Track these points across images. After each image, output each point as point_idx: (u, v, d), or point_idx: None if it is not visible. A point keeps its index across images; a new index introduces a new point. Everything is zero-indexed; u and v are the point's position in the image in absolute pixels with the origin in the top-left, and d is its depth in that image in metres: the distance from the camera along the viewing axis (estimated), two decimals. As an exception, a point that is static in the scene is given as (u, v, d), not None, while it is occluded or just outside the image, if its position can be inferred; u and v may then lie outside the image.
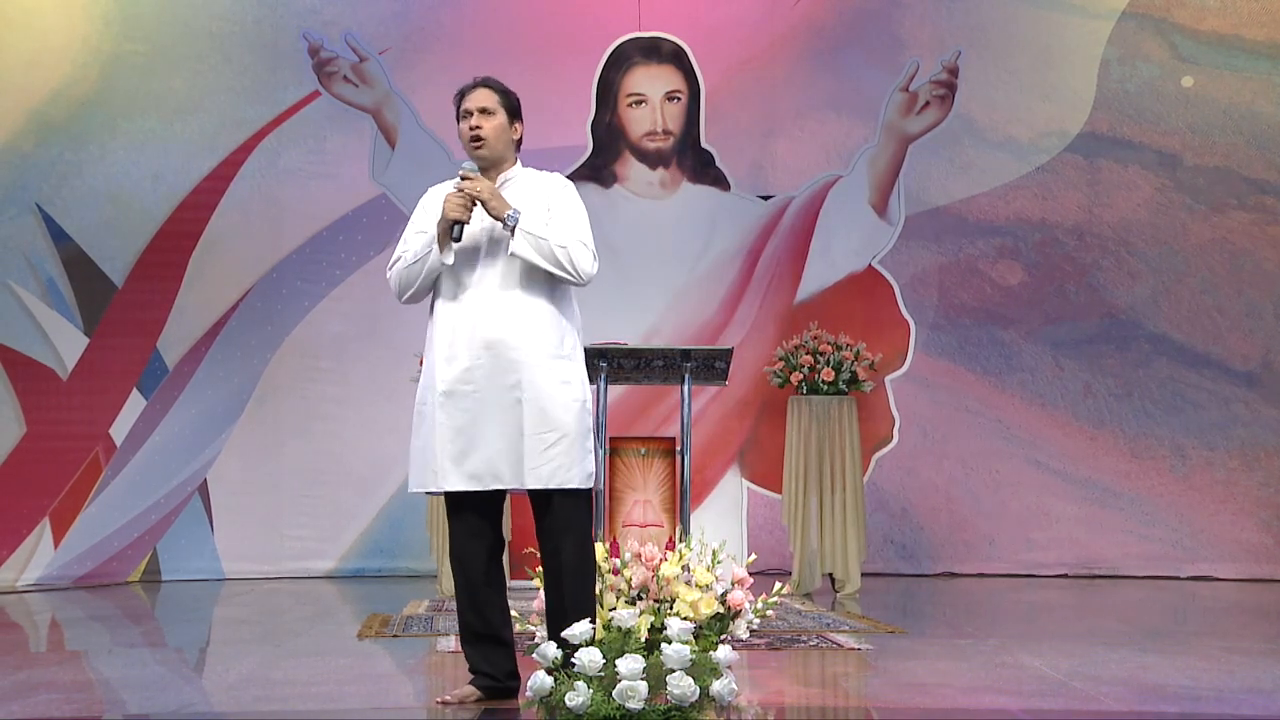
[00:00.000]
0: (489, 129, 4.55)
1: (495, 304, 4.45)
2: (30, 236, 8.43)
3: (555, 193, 4.57)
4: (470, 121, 4.55)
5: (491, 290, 4.46)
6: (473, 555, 4.55)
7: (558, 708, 4.18)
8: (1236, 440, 8.80)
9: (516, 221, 4.41)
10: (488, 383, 4.42)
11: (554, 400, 4.44)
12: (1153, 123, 8.93)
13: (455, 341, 4.47)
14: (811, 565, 7.72)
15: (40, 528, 8.32)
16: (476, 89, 4.62)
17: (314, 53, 8.77)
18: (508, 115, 4.60)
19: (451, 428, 4.44)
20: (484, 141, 4.54)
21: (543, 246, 4.41)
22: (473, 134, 4.55)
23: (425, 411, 4.52)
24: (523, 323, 4.44)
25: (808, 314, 8.57)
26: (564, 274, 4.44)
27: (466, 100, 4.60)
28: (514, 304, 4.45)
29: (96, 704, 4.89)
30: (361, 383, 8.73)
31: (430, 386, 4.52)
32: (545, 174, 4.67)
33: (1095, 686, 4.95)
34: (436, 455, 4.45)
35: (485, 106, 4.57)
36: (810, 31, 9.00)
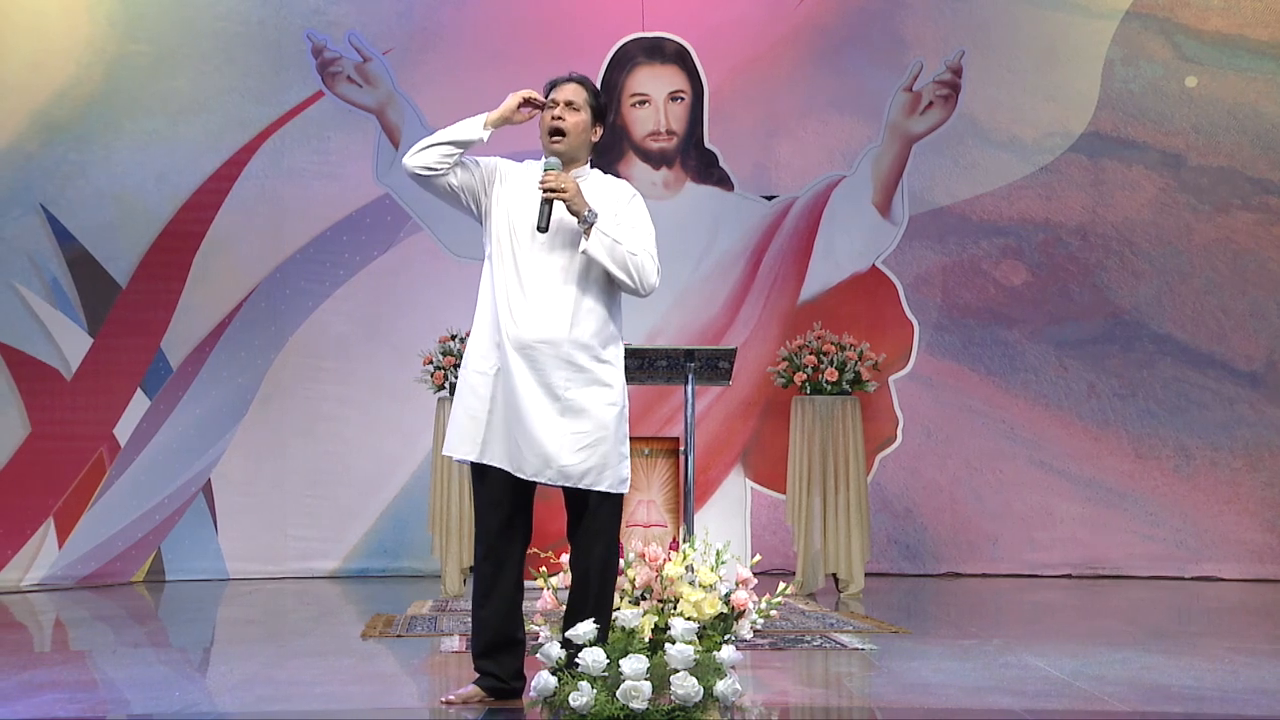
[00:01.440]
0: (571, 123, 4.54)
1: (555, 297, 4.45)
2: (35, 237, 8.44)
3: (625, 202, 4.57)
4: (555, 112, 4.54)
5: (554, 283, 4.46)
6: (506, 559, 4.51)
7: (562, 708, 4.18)
8: (1241, 440, 8.79)
9: (594, 222, 4.42)
10: (536, 373, 4.43)
11: (595, 401, 4.47)
12: (1157, 123, 8.93)
13: (512, 325, 4.45)
14: (815, 565, 7.72)
15: (44, 527, 8.32)
16: (569, 82, 4.59)
17: (318, 53, 8.77)
18: (592, 115, 4.58)
19: (498, 404, 4.45)
20: (564, 136, 4.53)
21: (615, 250, 4.43)
22: (555, 124, 4.53)
23: (474, 383, 4.51)
24: (577, 321, 4.46)
25: (811, 314, 8.57)
26: (628, 281, 4.47)
27: (556, 91, 4.58)
28: (572, 301, 4.46)
29: (101, 704, 4.90)
30: (365, 383, 8.73)
31: (481, 357, 4.50)
32: (615, 180, 4.68)
33: (1099, 687, 4.95)
34: (475, 425, 4.47)
35: (573, 100, 4.55)
36: (814, 31, 9.00)
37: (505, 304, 4.47)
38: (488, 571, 4.52)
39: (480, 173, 4.60)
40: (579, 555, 4.55)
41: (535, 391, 4.43)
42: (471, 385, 4.53)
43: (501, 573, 4.53)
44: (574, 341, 4.46)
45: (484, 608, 4.54)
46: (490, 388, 4.48)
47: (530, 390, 4.43)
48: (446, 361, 7.70)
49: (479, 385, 4.50)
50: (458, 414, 4.55)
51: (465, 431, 4.51)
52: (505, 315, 4.46)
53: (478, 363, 4.52)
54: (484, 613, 4.54)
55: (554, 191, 4.40)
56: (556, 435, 4.42)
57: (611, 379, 4.53)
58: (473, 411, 4.50)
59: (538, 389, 4.43)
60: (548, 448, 4.42)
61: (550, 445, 4.42)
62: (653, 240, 4.58)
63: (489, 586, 4.53)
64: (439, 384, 7.74)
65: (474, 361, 4.53)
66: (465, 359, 4.59)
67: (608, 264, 4.43)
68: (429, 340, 7.88)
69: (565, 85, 4.58)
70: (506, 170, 4.63)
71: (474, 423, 4.49)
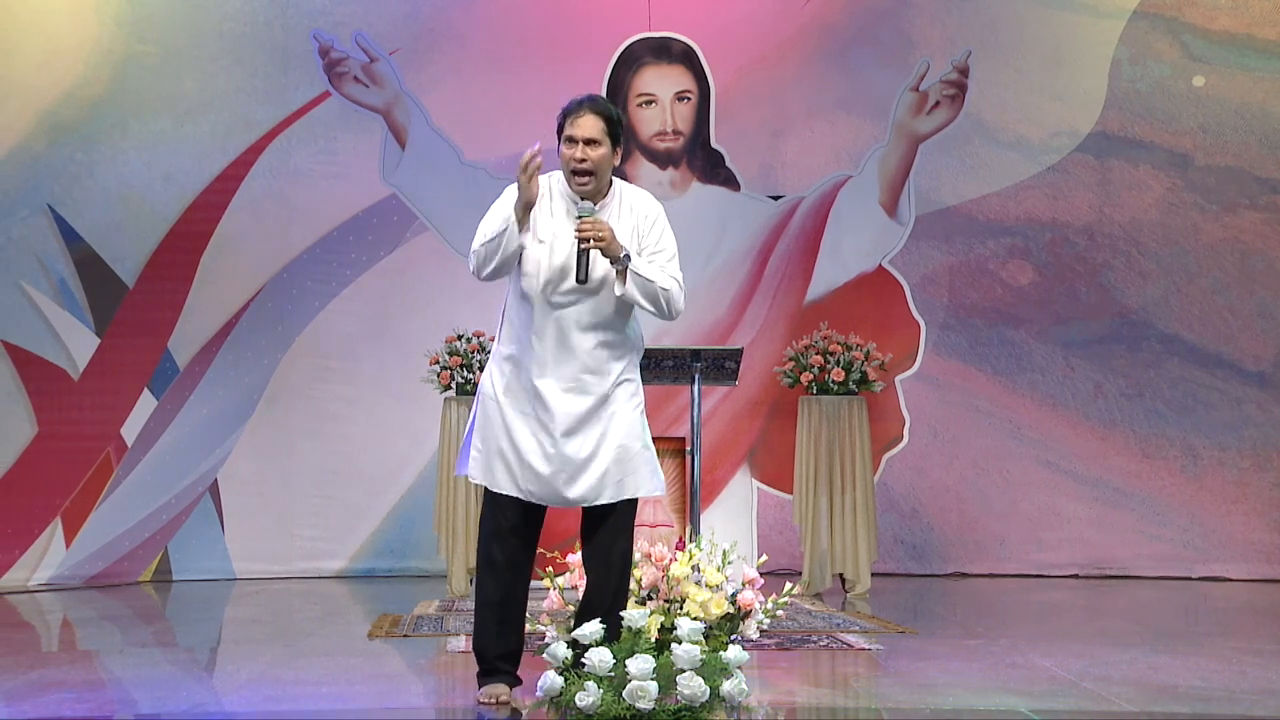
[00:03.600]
0: (595, 160, 4.50)
1: (591, 328, 4.51)
2: (42, 237, 8.46)
3: (650, 221, 4.60)
4: (576, 153, 4.49)
5: (587, 314, 4.51)
6: (520, 565, 4.61)
7: (568, 708, 4.18)
8: (1248, 440, 8.78)
9: (628, 265, 4.46)
10: (581, 403, 4.49)
11: (633, 421, 4.57)
12: (1164, 122, 8.91)
13: (553, 359, 4.50)
14: (822, 565, 7.71)
15: (52, 527, 8.34)
16: (586, 115, 4.50)
17: (324, 53, 8.78)
18: (611, 144, 4.54)
19: (539, 441, 4.50)
20: (590, 177, 4.51)
21: (649, 289, 4.49)
22: (580, 167, 4.50)
23: (511, 416, 4.53)
24: (613, 348, 4.54)
25: (818, 314, 8.57)
26: (659, 313, 4.55)
27: (574, 126, 4.51)
28: (607, 330, 4.54)
29: (108, 703, 4.91)
30: (372, 383, 8.74)
31: (521, 392, 4.53)
32: (640, 194, 4.67)
33: (1106, 687, 4.94)
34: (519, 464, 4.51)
35: (593, 137, 4.49)
36: (820, 31, 9.00)
37: (543, 335, 4.50)
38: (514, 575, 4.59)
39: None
40: (600, 552, 4.59)
41: (583, 422, 4.51)
42: (504, 420, 4.55)
43: (521, 579, 4.62)
44: (614, 368, 4.55)
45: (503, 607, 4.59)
46: (529, 425, 4.52)
47: (578, 422, 4.51)
48: (453, 362, 7.70)
49: (520, 423, 4.53)
50: (491, 447, 4.56)
51: (511, 470, 4.54)
52: (548, 352, 4.50)
53: (515, 398, 4.54)
54: (503, 612, 4.60)
55: (594, 240, 4.41)
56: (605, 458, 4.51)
57: (637, 390, 4.64)
58: (514, 449, 4.53)
59: (584, 419, 4.51)
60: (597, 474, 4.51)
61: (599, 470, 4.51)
62: (677, 264, 4.63)
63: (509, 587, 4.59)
64: (445, 384, 7.74)
65: (508, 396, 4.56)
66: (493, 389, 4.58)
67: (641, 302, 4.51)
68: (436, 340, 7.88)
69: (582, 120, 4.50)
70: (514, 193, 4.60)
71: (517, 461, 4.53)
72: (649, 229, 4.59)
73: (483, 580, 4.61)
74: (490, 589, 4.60)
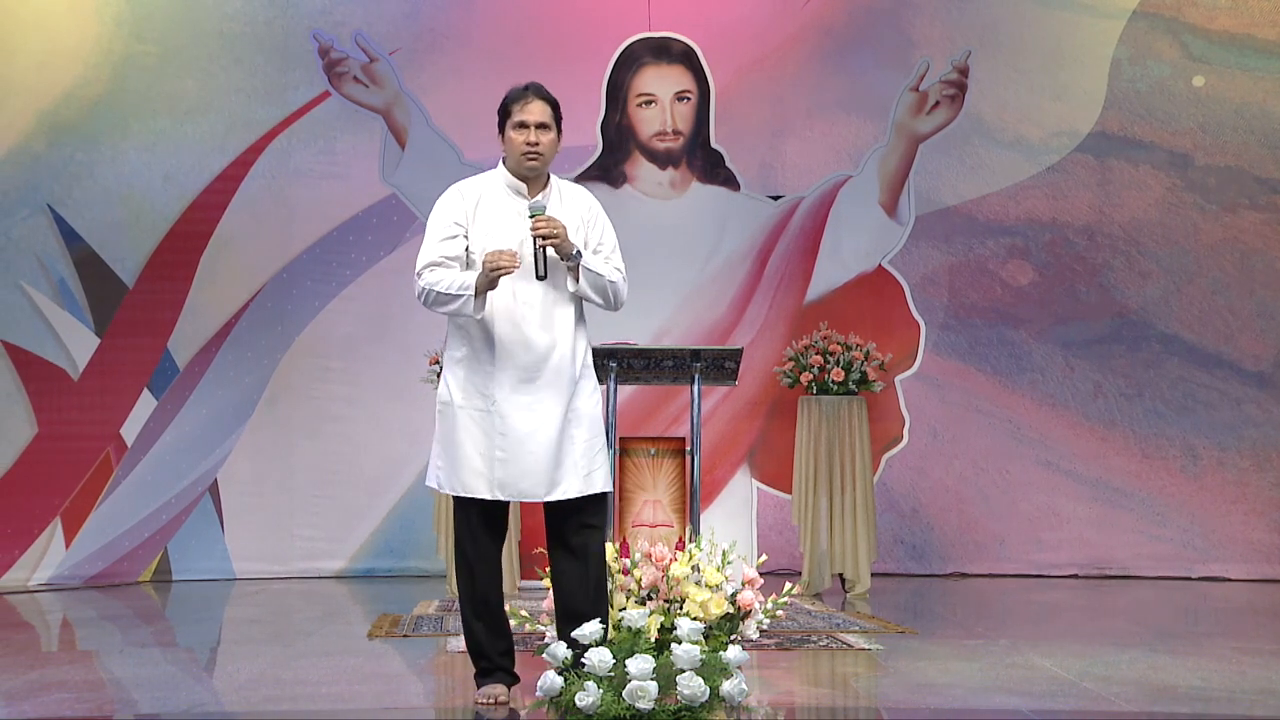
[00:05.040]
0: (546, 145, 4.61)
1: (546, 322, 4.56)
2: (42, 237, 8.45)
3: (592, 215, 4.70)
4: (529, 136, 4.58)
5: (541, 308, 4.56)
6: (494, 561, 4.66)
7: (567, 708, 4.18)
8: (1248, 440, 8.78)
9: (580, 260, 4.55)
10: (539, 396, 4.54)
11: (594, 412, 4.64)
12: (1164, 122, 8.91)
13: (507, 355, 4.54)
14: (821, 565, 7.71)
15: (52, 527, 8.34)
16: (534, 100, 4.62)
17: (324, 53, 8.78)
18: (558, 130, 4.66)
19: (502, 437, 4.52)
20: (541, 158, 4.60)
21: (599, 283, 4.60)
22: (532, 150, 4.58)
23: (471, 417, 4.55)
24: (569, 340, 4.59)
25: (817, 314, 8.57)
26: (605, 305, 4.65)
27: (524, 111, 4.61)
28: (562, 323, 4.59)
29: (108, 703, 4.91)
30: (372, 383, 8.74)
31: (478, 394, 4.55)
32: (575, 188, 4.77)
33: (1106, 687, 4.94)
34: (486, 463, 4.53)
35: (544, 122, 4.61)
36: (820, 31, 9.00)
37: (501, 334, 4.54)
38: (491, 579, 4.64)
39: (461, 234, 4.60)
40: (578, 550, 4.61)
41: (543, 416, 4.54)
42: (470, 422, 4.56)
43: (498, 576, 4.68)
44: (572, 360, 4.60)
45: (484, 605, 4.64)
46: (491, 423, 4.54)
47: (538, 416, 4.53)
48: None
49: (481, 422, 4.55)
50: (455, 453, 4.56)
51: (478, 472, 4.55)
52: (501, 344, 4.53)
53: (472, 399, 4.56)
54: (501, 612, 4.68)
55: (548, 238, 4.48)
56: (570, 452, 4.56)
57: (594, 384, 4.72)
58: (480, 448, 4.54)
59: (544, 412, 4.54)
60: (562, 464, 4.54)
61: (566, 461, 4.55)
62: (619, 255, 4.74)
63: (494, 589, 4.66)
64: (445, 384, 7.73)
65: (465, 398, 4.57)
66: (449, 395, 4.60)
67: (592, 296, 4.62)
68: (435, 340, 7.86)
69: (532, 104, 4.61)
70: (470, 209, 4.63)
71: (483, 460, 4.54)
72: (593, 223, 4.68)
73: (466, 583, 4.64)
74: (476, 590, 4.62)
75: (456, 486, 4.58)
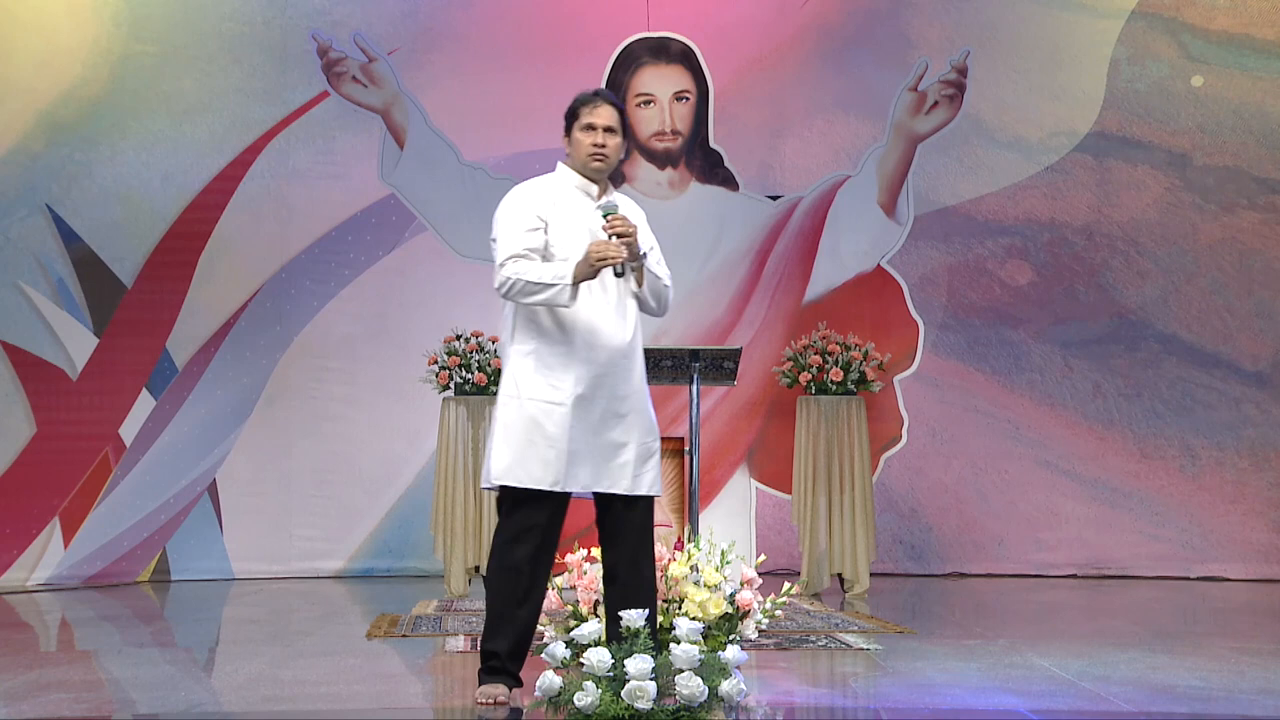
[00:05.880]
0: (612, 148, 4.69)
1: (617, 320, 4.63)
2: (40, 237, 8.45)
3: (639, 220, 4.75)
4: (596, 138, 4.66)
5: (614, 307, 4.64)
6: (548, 559, 4.65)
7: (567, 707, 4.18)
8: (1246, 440, 8.78)
9: (644, 262, 4.63)
10: (610, 393, 4.60)
11: (651, 414, 4.72)
12: (1162, 122, 8.92)
13: (582, 349, 4.58)
14: (820, 565, 7.71)
15: (50, 527, 8.34)
16: (603, 105, 4.70)
17: (323, 53, 8.78)
18: (623, 135, 4.75)
19: (573, 430, 4.55)
20: (606, 160, 4.68)
21: (656, 285, 4.72)
22: (599, 151, 4.66)
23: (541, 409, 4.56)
24: (637, 339, 4.68)
25: (816, 314, 8.57)
26: (658, 310, 4.75)
27: (593, 114, 4.68)
28: (631, 321, 4.67)
29: (106, 703, 4.90)
30: (370, 383, 8.74)
31: (549, 386, 4.57)
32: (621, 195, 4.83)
33: (1105, 687, 4.95)
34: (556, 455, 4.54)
35: (611, 126, 4.69)
36: (819, 31, 9.00)
37: (578, 331, 4.57)
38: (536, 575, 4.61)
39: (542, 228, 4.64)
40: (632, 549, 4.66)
41: (613, 411, 4.60)
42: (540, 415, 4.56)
43: (542, 576, 4.66)
44: (636, 358, 4.69)
45: (523, 607, 4.61)
46: (562, 416, 4.55)
47: (609, 411, 4.60)
48: (451, 362, 7.70)
49: (551, 415, 4.55)
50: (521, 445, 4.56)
51: (547, 462, 4.55)
52: (579, 342, 4.57)
53: (543, 391, 4.57)
54: (522, 612, 4.62)
55: (623, 237, 4.53)
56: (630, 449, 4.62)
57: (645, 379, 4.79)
58: (550, 441, 4.55)
59: (614, 408, 4.61)
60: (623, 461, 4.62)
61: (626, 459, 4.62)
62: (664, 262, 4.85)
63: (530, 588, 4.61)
64: (444, 384, 7.74)
65: (535, 390, 4.57)
66: (516, 389, 4.59)
67: (648, 299, 4.70)
68: (434, 340, 7.89)
69: (602, 109, 4.68)
70: (544, 209, 4.66)
71: (554, 453, 4.55)
72: (641, 228, 4.72)
73: (510, 578, 4.58)
74: (519, 586, 4.58)
75: (523, 478, 4.55)
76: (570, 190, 4.69)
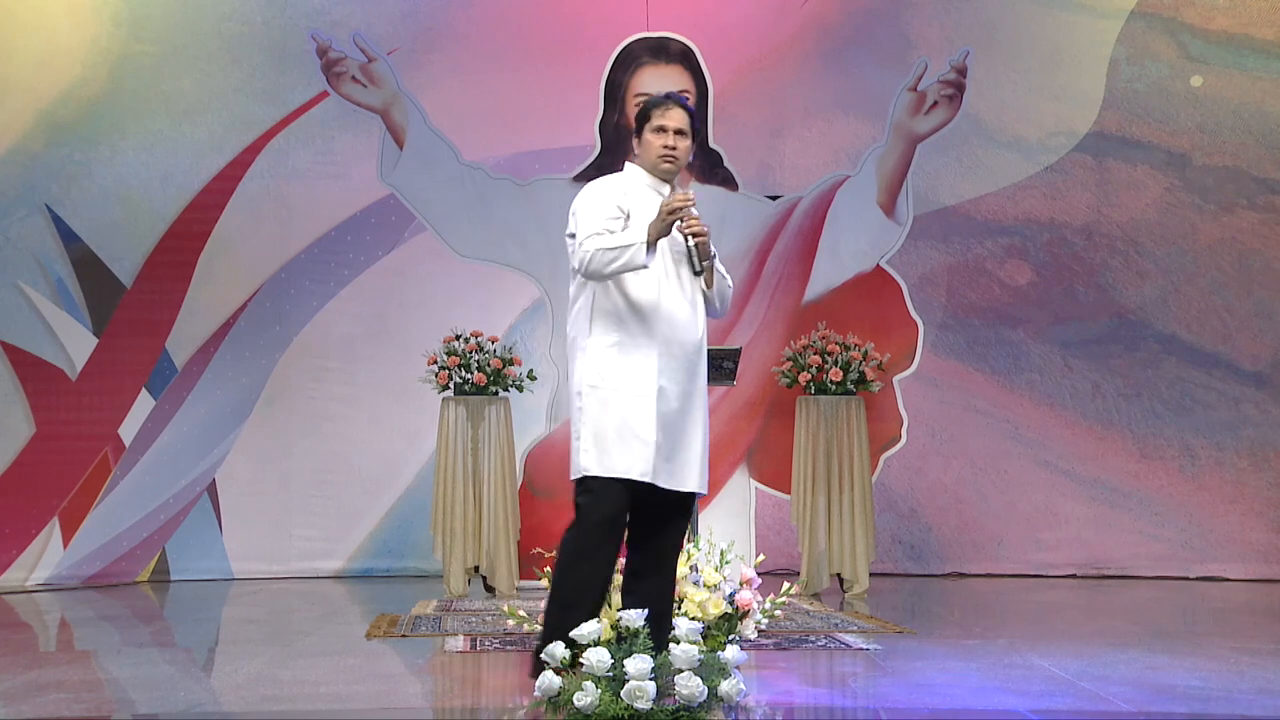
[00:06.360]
0: (682, 150, 4.78)
1: (692, 316, 4.67)
2: (40, 237, 8.45)
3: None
4: (667, 140, 4.72)
5: (690, 303, 4.68)
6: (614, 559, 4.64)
7: (566, 707, 4.18)
8: (1246, 440, 8.78)
9: (714, 262, 4.69)
10: (683, 387, 4.62)
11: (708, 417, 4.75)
12: (1162, 122, 8.92)
13: (666, 342, 4.60)
14: (820, 565, 7.71)
15: (49, 527, 8.33)
16: (675, 108, 4.76)
17: (322, 53, 8.78)
18: (692, 139, 4.82)
19: (661, 421, 4.56)
20: (676, 162, 4.77)
21: (721, 285, 4.80)
22: (669, 153, 4.74)
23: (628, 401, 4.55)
24: (703, 337, 4.71)
25: (816, 314, 8.57)
26: (719, 312, 4.79)
27: (665, 117, 4.74)
28: (700, 319, 4.71)
29: (106, 703, 4.90)
30: (370, 383, 8.74)
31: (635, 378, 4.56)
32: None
33: (1104, 687, 4.95)
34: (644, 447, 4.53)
35: (682, 129, 4.75)
36: (819, 31, 9.00)
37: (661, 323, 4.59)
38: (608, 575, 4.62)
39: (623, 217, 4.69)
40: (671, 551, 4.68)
41: (695, 404, 4.65)
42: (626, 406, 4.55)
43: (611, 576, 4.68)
44: (701, 358, 4.71)
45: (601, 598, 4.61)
46: (650, 408, 4.54)
47: (691, 404, 4.63)
48: (451, 362, 7.70)
49: (639, 406, 4.55)
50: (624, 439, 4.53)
51: (636, 454, 4.53)
52: (662, 334, 4.59)
53: (629, 384, 4.56)
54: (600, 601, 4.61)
55: (698, 236, 4.60)
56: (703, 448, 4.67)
57: None
58: (639, 433, 4.54)
59: (696, 401, 4.65)
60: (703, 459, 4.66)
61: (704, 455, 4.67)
62: None
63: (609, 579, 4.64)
64: (443, 384, 7.74)
65: (621, 382, 4.56)
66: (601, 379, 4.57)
67: (715, 299, 4.75)
68: (434, 340, 7.89)
69: (673, 110, 4.74)
70: (624, 201, 4.70)
71: (642, 444, 4.53)
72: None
73: (588, 570, 4.54)
74: (596, 580, 4.56)
75: (614, 468, 4.51)
76: (643, 189, 4.74)
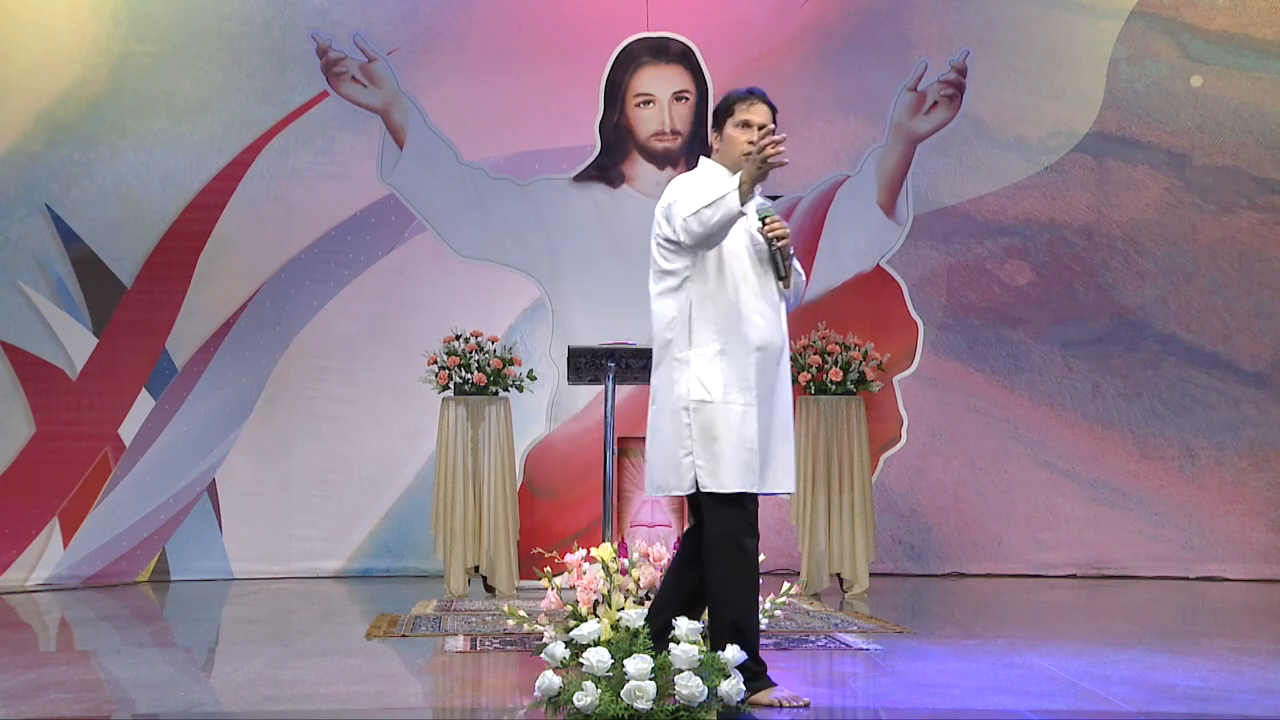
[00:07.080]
0: None
1: (776, 319, 4.64)
2: (40, 237, 8.45)
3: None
4: (752, 135, 4.64)
5: (774, 307, 4.64)
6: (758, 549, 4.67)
7: (566, 707, 4.18)
8: (1246, 440, 8.79)
9: (792, 263, 4.67)
10: (772, 390, 4.59)
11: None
12: (1162, 122, 8.92)
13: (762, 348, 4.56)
14: (820, 565, 7.71)
15: (49, 527, 8.33)
16: (759, 103, 4.71)
17: (322, 53, 8.78)
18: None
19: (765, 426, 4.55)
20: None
21: (798, 281, 4.75)
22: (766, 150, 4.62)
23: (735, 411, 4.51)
24: (785, 339, 4.67)
25: (816, 314, 8.56)
26: (792, 306, 4.74)
27: (749, 112, 4.68)
28: (783, 321, 4.66)
29: (105, 703, 4.90)
30: (370, 383, 8.74)
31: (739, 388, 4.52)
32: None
33: (1104, 687, 4.95)
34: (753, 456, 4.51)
35: (766, 124, 4.68)
36: (818, 31, 9.00)
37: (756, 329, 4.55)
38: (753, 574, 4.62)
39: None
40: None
41: (786, 407, 4.64)
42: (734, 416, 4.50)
43: None
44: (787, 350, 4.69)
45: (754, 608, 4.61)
46: (754, 416, 4.51)
47: (785, 408, 4.63)
48: (451, 362, 7.70)
49: (745, 415, 4.51)
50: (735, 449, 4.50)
51: (748, 465, 4.51)
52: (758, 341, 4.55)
53: (734, 394, 4.52)
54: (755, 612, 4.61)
55: (780, 239, 4.59)
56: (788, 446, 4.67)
57: None
58: (747, 442, 4.51)
59: (786, 404, 4.64)
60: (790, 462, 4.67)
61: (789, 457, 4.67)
62: None
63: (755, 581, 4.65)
64: (443, 384, 7.74)
65: (726, 393, 4.52)
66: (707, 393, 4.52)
67: (791, 296, 4.71)
68: (434, 340, 7.89)
69: (758, 106, 4.69)
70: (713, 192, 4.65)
71: (750, 453, 4.52)
72: None
73: (746, 580, 4.55)
74: (754, 587, 4.57)
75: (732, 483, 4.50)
76: (725, 185, 4.63)
